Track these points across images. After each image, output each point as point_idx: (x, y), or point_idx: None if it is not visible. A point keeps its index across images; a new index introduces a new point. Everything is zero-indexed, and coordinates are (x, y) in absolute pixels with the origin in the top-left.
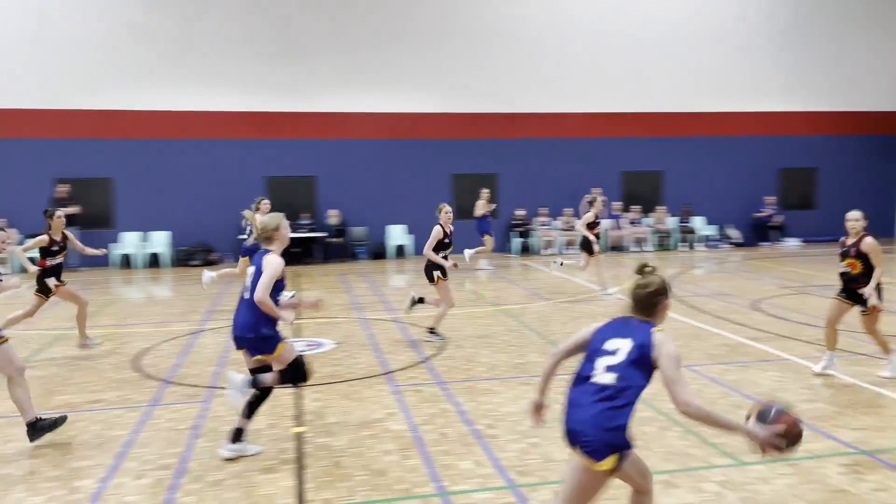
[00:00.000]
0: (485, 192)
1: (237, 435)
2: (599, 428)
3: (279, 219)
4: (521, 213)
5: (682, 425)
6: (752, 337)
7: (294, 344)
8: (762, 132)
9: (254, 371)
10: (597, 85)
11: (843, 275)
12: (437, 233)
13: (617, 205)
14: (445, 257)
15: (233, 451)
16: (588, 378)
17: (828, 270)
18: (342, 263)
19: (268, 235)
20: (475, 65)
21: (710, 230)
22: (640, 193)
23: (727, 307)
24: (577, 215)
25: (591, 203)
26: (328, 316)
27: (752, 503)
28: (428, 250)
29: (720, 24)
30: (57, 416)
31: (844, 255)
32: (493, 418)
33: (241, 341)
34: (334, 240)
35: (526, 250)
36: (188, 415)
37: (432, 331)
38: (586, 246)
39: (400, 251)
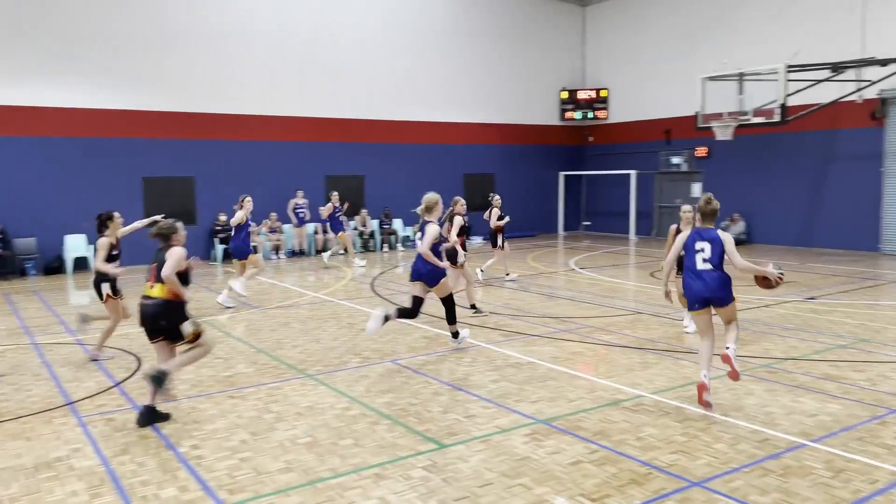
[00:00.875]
0: (334, 195)
1: (455, 335)
2: (721, 290)
3: (437, 196)
4: (222, 218)
5: (391, 418)
6: (447, 328)
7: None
8: (450, 141)
9: (415, 299)
10: (300, 89)
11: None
12: (458, 221)
13: (322, 209)
14: (464, 243)
15: (460, 341)
16: (694, 268)
17: (507, 264)
18: (6, 281)
19: (430, 207)
20: (170, 62)
21: (409, 231)
22: (345, 196)
23: (426, 301)
24: (283, 220)
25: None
26: None
27: (454, 482)
28: (453, 235)
29: (418, 41)
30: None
31: None
32: (199, 438)
33: (414, 274)
34: None
35: (229, 257)
36: None
37: (473, 307)
38: (493, 239)
39: (80, 264)
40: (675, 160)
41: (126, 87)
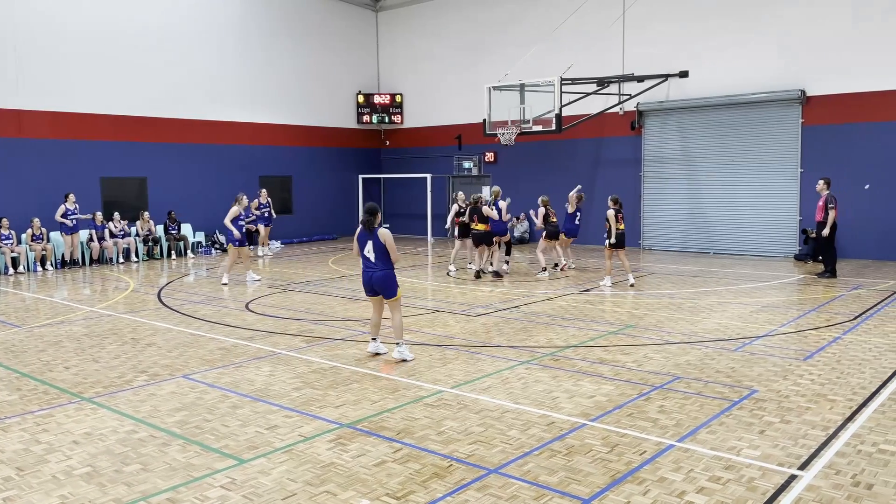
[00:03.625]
0: (263, 192)
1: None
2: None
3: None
4: None
5: (184, 438)
6: (245, 337)
7: None
8: (246, 141)
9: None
10: (71, 82)
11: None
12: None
13: (99, 215)
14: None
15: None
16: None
17: (308, 268)
18: None
19: (496, 193)
20: None
21: (200, 237)
22: (124, 200)
23: (220, 311)
24: (49, 226)
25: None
26: None
27: (256, 497)
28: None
29: (212, 38)
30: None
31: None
32: None
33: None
34: None
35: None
36: None
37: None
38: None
39: None
40: (467, 164)
41: None
